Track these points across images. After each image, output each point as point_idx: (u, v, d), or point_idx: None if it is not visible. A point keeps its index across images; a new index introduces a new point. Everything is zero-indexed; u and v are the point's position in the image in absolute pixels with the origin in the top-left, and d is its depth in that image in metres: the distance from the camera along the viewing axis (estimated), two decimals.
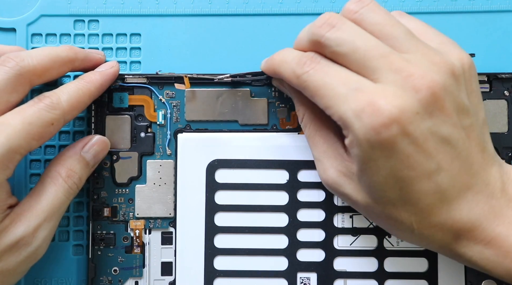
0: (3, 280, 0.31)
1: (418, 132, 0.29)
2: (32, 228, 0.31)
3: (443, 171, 0.29)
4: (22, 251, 0.31)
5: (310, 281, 0.37)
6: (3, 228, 0.31)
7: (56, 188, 0.33)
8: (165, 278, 0.37)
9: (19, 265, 0.31)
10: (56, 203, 0.33)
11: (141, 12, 0.39)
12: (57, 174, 0.33)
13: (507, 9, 0.38)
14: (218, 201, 0.37)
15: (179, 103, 0.37)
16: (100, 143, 0.35)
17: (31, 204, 0.32)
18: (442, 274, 0.36)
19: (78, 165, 0.34)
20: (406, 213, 0.30)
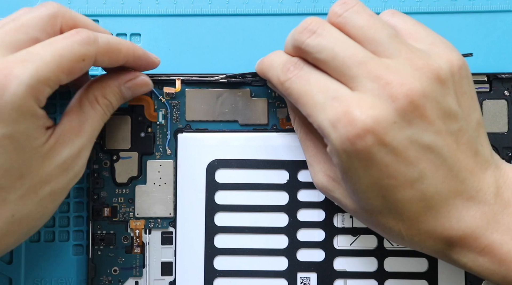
0: (54, 198, 0.31)
1: (396, 142, 0.28)
2: (77, 148, 0.31)
3: (427, 179, 0.29)
4: (70, 170, 0.31)
5: (310, 281, 0.37)
6: (49, 148, 0.30)
7: (94, 112, 0.33)
8: (165, 278, 0.37)
9: (67, 184, 0.32)
10: (96, 126, 0.33)
11: (141, 12, 0.39)
12: (95, 99, 0.33)
13: (507, 9, 0.38)
14: (218, 201, 0.37)
15: (179, 103, 0.37)
16: (144, 84, 0.34)
17: (73, 126, 0.32)
18: (442, 274, 0.36)
19: (114, 96, 0.34)
20: (393, 221, 0.30)
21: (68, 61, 0.30)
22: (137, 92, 0.35)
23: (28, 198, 0.30)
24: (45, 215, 0.32)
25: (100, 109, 0.33)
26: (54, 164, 0.31)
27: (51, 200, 0.31)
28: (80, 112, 0.32)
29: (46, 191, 0.31)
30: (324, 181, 0.33)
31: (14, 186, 0.29)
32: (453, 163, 0.29)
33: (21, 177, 0.30)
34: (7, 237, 0.30)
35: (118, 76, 0.34)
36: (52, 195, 0.31)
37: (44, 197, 0.31)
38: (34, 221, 0.31)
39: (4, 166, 0.29)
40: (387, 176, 0.29)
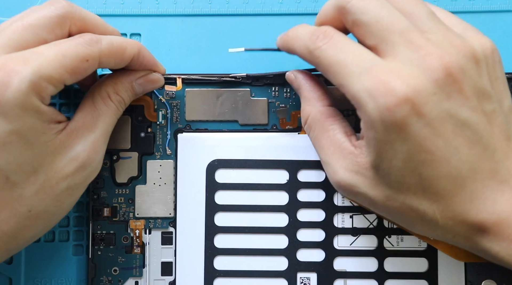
0: (71, 194, 0.32)
1: (435, 114, 0.28)
2: (91, 143, 0.32)
3: (463, 156, 0.29)
4: (87, 166, 0.32)
5: (310, 281, 0.37)
6: (61, 142, 0.31)
7: (107, 108, 0.33)
8: (165, 278, 0.37)
9: (84, 180, 0.32)
10: (109, 121, 0.33)
11: (141, 12, 0.39)
12: (107, 95, 0.33)
13: (507, 9, 0.38)
14: (218, 201, 0.37)
15: (179, 103, 0.37)
16: (155, 80, 0.35)
17: (86, 122, 0.32)
18: (442, 274, 0.36)
19: (126, 93, 0.34)
20: (428, 202, 0.29)
21: (71, 60, 0.30)
22: (148, 88, 0.35)
23: (44, 193, 0.30)
24: (62, 210, 0.32)
25: (113, 105, 0.33)
26: (68, 159, 0.31)
27: (68, 196, 0.31)
28: (93, 108, 0.33)
29: (62, 186, 0.31)
30: (346, 177, 0.31)
31: (28, 181, 0.30)
32: (488, 142, 0.29)
33: (34, 172, 0.30)
34: (25, 232, 0.31)
35: (130, 73, 0.34)
36: (69, 191, 0.31)
37: (61, 192, 0.31)
38: (51, 216, 0.31)
39: (15, 162, 0.29)
40: (424, 150, 0.28)
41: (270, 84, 0.37)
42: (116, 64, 0.33)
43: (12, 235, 0.30)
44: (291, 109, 0.37)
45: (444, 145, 0.28)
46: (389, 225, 0.37)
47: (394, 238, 0.37)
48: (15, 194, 0.30)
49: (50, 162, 0.30)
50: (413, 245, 0.37)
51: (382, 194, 0.30)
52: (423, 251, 0.37)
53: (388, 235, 0.37)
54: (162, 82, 0.35)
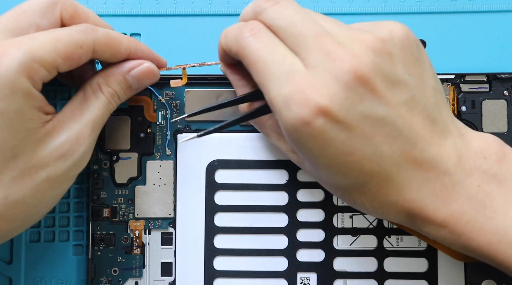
0: (52, 185, 0.31)
1: (350, 118, 0.28)
2: (76, 134, 0.31)
3: (384, 152, 0.29)
4: (68, 157, 0.31)
5: (310, 281, 0.37)
6: (46, 132, 0.30)
7: (98, 101, 0.32)
8: (165, 279, 0.37)
9: (66, 172, 0.31)
10: (98, 113, 0.32)
11: (141, 12, 0.39)
12: (98, 87, 0.33)
13: (507, 9, 0.38)
14: (218, 201, 0.37)
15: (179, 104, 0.37)
16: (148, 71, 0.33)
17: (74, 113, 0.32)
18: (442, 274, 0.36)
19: (119, 85, 0.33)
20: (356, 194, 0.30)
21: (65, 45, 0.30)
22: (144, 82, 0.34)
23: (22, 181, 0.30)
24: (43, 203, 0.31)
25: (103, 98, 0.33)
26: (50, 148, 0.30)
27: (48, 187, 0.31)
28: (83, 99, 0.32)
29: (42, 176, 0.30)
30: (293, 157, 0.34)
31: (7, 167, 0.29)
32: (410, 133, 0.29)
33: (14, 158, 0.29)
34: (1, 222, 0.30)
35: (122, 65, 0.33)
36: (49, 182, 0.31)
37: (40, 182, 0.30)
38: (30, 208, 0.31)
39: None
40: (343, 153, 0.29)
41: None
42: (112, 56, 0.32)
43: None
44: None
45: (362, 145, 0.29)
46: (389, 225, 0.37)
47: (394, 238, 0.37)
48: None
49: (31, 150, 0.30)
50: (413, 245, 0.37)
51: (316, 177, 0.33)
52: (423, 251, 0.37)
53: (388, 235, 0.37)
54: (157, 75, 0.34)
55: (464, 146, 0.30)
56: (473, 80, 0.37)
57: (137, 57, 0.33)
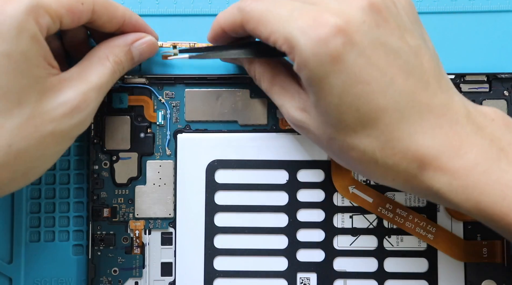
0: (56, 141, 0.31)
1: (367, 42, 0.28)
2: (82, 93, 0.31)
3: (399, 86, 0.29)
4: (74, 115, 0.31)
5: (310, 281, 0.37)
6: (52, 85, 0.30)
7: (105, 68, 0.33)
8: (165, 279, 0.37)
9: (71, 129, 0.31)
10: (103, 78, 0.32)
11: (141, 12, 0.39)
12: (105, 56, 0.33)
13: (507, 9, 0.38)
14: (218, 201, 0.37)
15: (179, 104, 0.37)
16: (150, 44, 0.35)
17: (80, 75, 0.32)
18: (442, 274, 0.36)
19: (124, 56, 0.34)
20: (367, 139, 0.29)
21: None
22: (145, 54, 0.35)
23: (26, 130, 0.30)
24: (45, 157, 0.31)
25: (109, 66, 0.33)
26: (57, 103, 0.30)
27: (53, 142, 0.31)
28: (89, 65, 0.33)
29: (47, 129, 0.30)
30: (295, 114, 0.32)
31: (12, 113, 0.29)
32: (422, 74, 0.29)
33: (19, 104, 0.29)
34: (2, 170, 0.30)
35: (126, 36, 0.34)
36: (54, 137, 0.31)
37: (45, 135, 0.30)
38: (33, 160, 0.30)
39: (2, 88, 0.29)
40: (360, 80, 0.28)
41: None
42: (108, 19, 0.33)
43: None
44: None
45: (379, 74, 0.28)
46: (389, 225, 0.37)
47: (394, 238, 0.37)
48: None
49: (36, 100, 0.30)
50: (413, 245, 0.37)
51: (325, 132, 0.31)
52: (423, 251, 0.37)
53: (388, 235, 0.37)
54: (157, 48, 0.36)
55: (471, 106, 0.30)
56: (473, 80, 0.37)
57: (131, 25, 0.34)
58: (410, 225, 0.36)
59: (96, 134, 0.37)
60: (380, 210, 0.36)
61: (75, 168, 0.38)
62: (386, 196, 0.37)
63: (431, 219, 0.36)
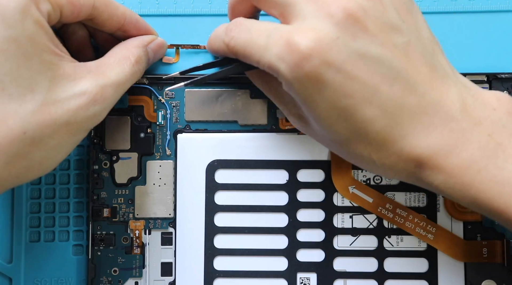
0: (71, 132, 0.31)
1: (343, 57, 0.28)
2: (100, 87, 0.31)
3: (384, 94, 0.28)
4: (90, 106, 0.31)
5: (310, 281, 0.37)
6: (67, 74, 0.30)
7: (124, 67, 0.33)
8: (165, 279, 0.37)
9: (86, 121, 0.31)
10: (122, 76, 0.32)
11: (141, 12, 0.39)
12: (126, 56, 0.33)
13: (507, 9, 0.38)
14: (218, 201, 0.37)
15: (179, 104, 0.37)
16: (163, 45, 0.37)
17: (99, 68, 0.32)
18: (442, 274, 0.36)
19: (144, 56, 0.34)
20: (362, 146, 0.29)
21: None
22: (158, 55, 0.36)
23: (41, 117, 0.29)
24: (60, 147, 0.31)
25: (130, 65, 0.33)
26: (72, 92, 0.30)
27: (67, 132, 0.30)
28: (109, 63, 0.33)
29: (62, 118, 0.30)
30: (293, 121, 0.34)
31: (24, 99, 0.29)
32: (408, 76, 0.29)
33: (31, 90, 0.29)
34: (18, 159, 0.29)
35: (142, 38, 0.35)
36: (68, 126, 0.30)
37: (60, 125, 0.30)
38: (48, 149, 0.30)
39: (12, 73, 0.29)
40: (342, 95, 0.28)
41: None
42: (109, 17, 0.33)
43: (3, 158, 0.29)
44: None
45: (361, 86, 0.28)
46: (389, 225, 0.37)
47: (394, 238, 0.37)
48: (10, 108, 0.29)
49: (50, 86, 0.29)
50: (413, 245, 0.37)
51: (324, 138, 0.31)
52: (423, 251, 0.37)
53: (388, 235, 0.37)
54: (166, 49, 0.37)
55: (470, 96, 0.30)
56: (473, 80, 0.36)
57: (132, 25, 0.35)
58: (410, 225, 0.36)
59: (96, 134, 0.37)
60: (380, 210, 0.36)
61: (75, 168, 0.38)
62: (386, 196, 0.37)
63: (431, 219, 0.36)
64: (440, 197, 0.37)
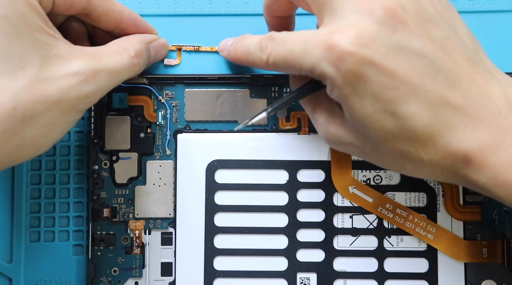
0: (63, 111, 0.30)
1: (385, 50, 0.28)
2: (93, 69, 0.31)
3: (428, 86, 0.28)
4: (82, 86, 0.31)
5: (310, 281, 0.37)
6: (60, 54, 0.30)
7: (123, 56, 0.33)
8: (164, 279, 0.37)
9: (77, 101, 0.31)
10: (118, 65, 0.32)
11: (141, 12, 0.39)
12: (126, 48, 0.33)
13: (507, 9, 0.38)
14: (218, 201, 0.37)
15: (179, 104, 0.37)
16: (165, 45, 0.37)
17: (95, 54, 0.32)
18: (442, 274, 0.36)
19: (145, 52, 0.34)
20: (408, 141, 0.29)
21: None
22: (159, 55, 0.37)
23: (32, 93, 0.29)
24: (53, 125, 0.30)
25: (129, 57, 0.33)
26: (65, 71, 0.30)
27: (59, 110, 0.30)
28: (107, 51, 0.33)
29: (54, 96, 0.30)
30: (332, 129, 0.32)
31: (15, 75, 0.29)
32: (450, 69, 0.28)
33: (22, 67, 0.29)
34: (8, 135, 0.29)
35: (144, 36, 0.35)
36: (60, 104, 0.30)
37: (52, 102, 0.30)
38: (40, 127, 0.30)
39: (3, 49, 0.29)
40: (388, 87, 0.28)
41: (269, 84, 0.37)
42: (104, 13, 0.33)
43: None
44: (291, 110, 0.37)
45: (405, 79, 0.28)
46: (389, 225, 0.37)
47: (394, 238, 0.37)
48: (0, 84, 0.29)
49: (42, 64, 0.30)
50: (413, 245, 0.37)
51: (366, 144, 0.31)
52: (423, 251, 0.37)
53: (388, 235, 0.37)
54: (168, 50, 0.38)
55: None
56: None
57: (130, 23, 0.35)
58: (410, 225, 0.36)
59: (96, 134, 0.37)
60: (380, 210, 0.36)
61: (75, 168, 0.38)
62: (386, 196, 0.37)
63: (431, 219, 0.36)
64: (440, 197, 0.37)
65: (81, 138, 0.37)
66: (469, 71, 0.29)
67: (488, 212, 0.36)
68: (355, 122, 0.30)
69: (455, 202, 0.37)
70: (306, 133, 0.37)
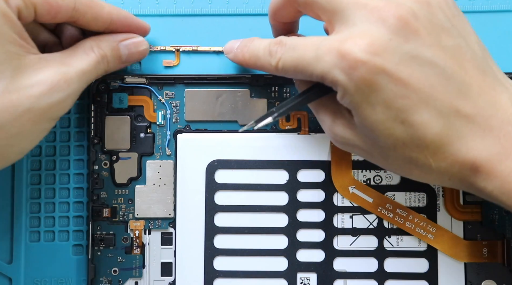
0: (34, 119, 0.30)
1: (397, 59, 0.28)
2: (63, 73, 0.31)
3: (440, 94, 0.28)
4: (53, 93, 0.31)
5: (310, 281, 0.37)
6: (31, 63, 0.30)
7: (87, 56, 0.33)
8: (164, 279, 0.37)
9: (50, 108, 0.31)
10: (85, 65, 0.32)
11: (141, 12, 0.39)
12: (90, 46, 0.33)
13: (507, 9, 0.38)
14: (218, 201, 0.37)
15: (179, 104, 0.37)
16: (140, 45, 0.35)
17: (63, 58, 0.32)
18: (442, 274, 0.36)
19: (110, 51, 0.34)
20: (418, 149, 0.29)
21: None
22: (134, 54, 0.35)
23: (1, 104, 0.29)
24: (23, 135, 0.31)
25: (93, 55, 0.33)
26: (35, 80, 0.30)
27: (30, 119, 0.30)
28: (73, 53, 0.33)
29: (24, 105, 0.30)
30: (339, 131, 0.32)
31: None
32: (461, 78, 0.29)
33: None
34: None
35: (115, 34, 0.35)
36: (31, 113, 0.30)
37: (22, 112, 0.30)
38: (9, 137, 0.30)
39: None
40: (399, 96, 0.28)
41: (269, 84, 0.37)
42: (93, 18, 0.33)
43: None
44: None
45: (416, 87, 0.28)
46: (389, 225, 0.37)
47: (394, 238, 0.37)
48: None
49: (12, 75, 0.30)
50: (413, 245, 0.37)
51: (374, 149, 0.31)
52: (423, 251, 0.37)
53: (388, 235, 0.37)
54: (147, 51, 0.36)
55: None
56: None
57: (120, 24, 0.34)
58: (410, 225, 0.36)
59: (96, 134, 0.37)
60: (380, 210, 0.36)
61: (75, 168, 0.38)
62: (386, 196, 0.37)
63: (431, 219, 0.36)
64: (440, 197, 0.37)
65: (81, 138, 0.37)
66: (478, 79, 0.29)
67: (488, 212, 0.37)
68: (365, 129, 0.30)
69: (455, 202, 0.37)
70: (306, 133, 0.37)
